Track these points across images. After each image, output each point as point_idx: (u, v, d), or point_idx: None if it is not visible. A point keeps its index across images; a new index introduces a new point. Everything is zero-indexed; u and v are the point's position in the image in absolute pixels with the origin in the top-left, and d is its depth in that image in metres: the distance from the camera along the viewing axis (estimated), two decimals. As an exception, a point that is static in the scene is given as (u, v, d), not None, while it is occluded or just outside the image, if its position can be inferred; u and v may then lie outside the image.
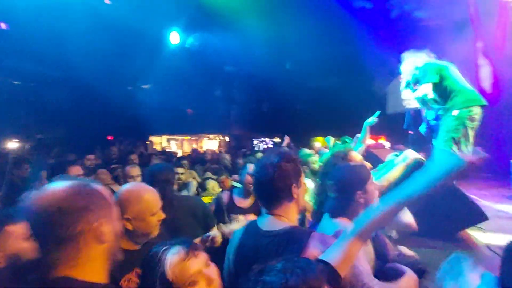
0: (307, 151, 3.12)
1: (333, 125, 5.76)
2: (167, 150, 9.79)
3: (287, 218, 1.20)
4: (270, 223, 1.20)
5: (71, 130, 7.97)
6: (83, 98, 8.12)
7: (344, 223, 1.32)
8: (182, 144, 13.13)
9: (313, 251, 1.01)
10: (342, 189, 1.39)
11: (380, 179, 2.05)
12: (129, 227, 1.27)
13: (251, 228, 1.27)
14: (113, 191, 1.31)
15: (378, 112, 3.13)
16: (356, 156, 1.76)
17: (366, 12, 6.96)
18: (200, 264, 0.94)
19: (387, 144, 5.80)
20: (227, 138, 13.11)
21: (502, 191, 4.21)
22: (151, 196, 1.35)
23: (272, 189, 1.19)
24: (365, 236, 1.00)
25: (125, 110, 9.04)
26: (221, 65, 10.88)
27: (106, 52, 7.46)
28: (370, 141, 5.01)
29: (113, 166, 3.73)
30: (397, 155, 2.71)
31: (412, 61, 3.05)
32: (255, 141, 11.98)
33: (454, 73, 2.88)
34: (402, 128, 3.86)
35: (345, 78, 8.62)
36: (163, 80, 10.02)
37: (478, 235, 2.38)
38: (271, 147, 10.58)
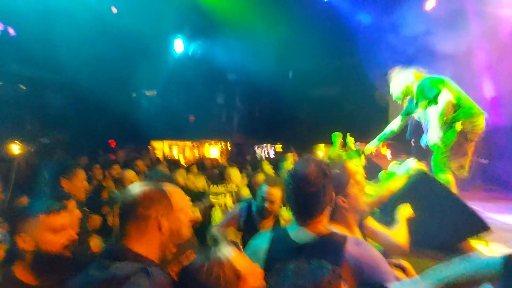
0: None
1: (335, 133, 5.80)
2: (168, 157, 9.87)
3: (323, 227, 1.19)
4: (304, 234, 1.17)
5: (75, 135, 8.08)
6: (86, 103, 8.26)
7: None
8: (184, 150, 13.20)
9: (352, 253, 1.03)
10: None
11: (381, 188, 2.10)
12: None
13: (280, 240, 1.22)
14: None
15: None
16: (351, 166, 1.79)
17: (366, 25, 7.18)
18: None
19: (389, 153, 5.86)
20: (228, 145, 13.19)
21: (507, 203, 4.22)
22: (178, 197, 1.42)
23: (314, 200, 1.16)
24: None
25: (129, 116, 9.16)
26: (224, 73, 11.06)
27: (111, 59, 7.63)
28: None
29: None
30: (399, 165, 2.76)
31: (402, 78, 3.08)
32: (256, 148, 12.04)
33: (454, 86, 2.93)
34: (404, 137, 3.91)
35: (348, 87, 8.76)
36: (167, 87, 10.19)
37: (481, 247, 2.39)
38: (273, 155, 10.64)
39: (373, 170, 3.04)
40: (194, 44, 10.05)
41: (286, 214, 2.18)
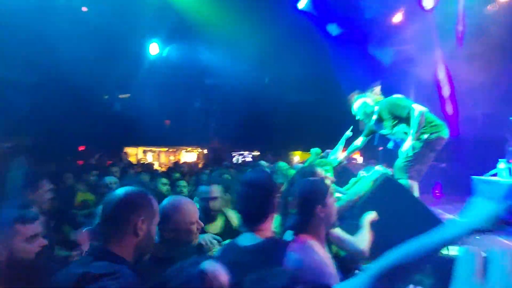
0: (284, 164, 3.33)
1: (312, 139, 6.06)
2: (142, 162, 9.64)
3: (268, 232, 1.28)
4: (250, 238, 1.26)
5: (42, 140, 7.69)
6: (55, 106, 7.90)
7: (306, 240, 1.35)
8: (159, 156, 12.94)
9: (294, 257, 1.09)
10: (302, 205, 1.40)
11: (351, 193, 2.27)
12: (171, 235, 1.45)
13: (229, 244, 1.35)
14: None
15: (352, 127, 3.44)
16: (321, 172, 1.91)
17: (338, 35, 7.62)
18: None
19: (360, 159, 6.21)
20: (205, 151, 13.11)
21: (462, 205, 4.62)
22: (190, 207, 1.52)
23: (259, 205, 1.26)
24: (387, 280, 0.88)
25: (101, 120, 8.87)
26: (201, 78, 11.07)
27: (83, 59, 7.39)
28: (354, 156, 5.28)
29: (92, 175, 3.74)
30: (368, 170, 2.98)
31: (363, 101, 3.40)
32: (234, 154, 12.08)
33: (411, 101, 3.29)
34: (373, 144, 4.20)
35: (323, 93, 9.10)
36: (142, 90, 9.98)
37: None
38: (250, 161, 10.73)
39: (346, 175, 3.25)
40: (170, 47, 9.98)
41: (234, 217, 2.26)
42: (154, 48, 9.44)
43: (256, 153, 11.89)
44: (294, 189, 1.51)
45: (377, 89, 3.54)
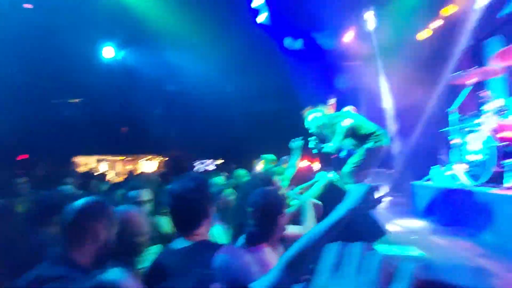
0: (242, 172, 3.49)
1: (274, 148, 6.32)
2: (95, 172, 9.10)
3: (202, 236, 1.30)
4: (181, 242, 1.29)
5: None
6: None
7: (263, 248, 1.40)
8: (115, 166, 12.33)
9: (222, 258, 1.10)
10: (265, 215, 1.42)
11: (303, 198, 2.48)
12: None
13: (163, 250, 1.36)
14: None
15: (301, 137, 3.76)
16: (277, 180, 2.08)
17: (296, 49, 8.21)
18: None
19: (318, 166, 6.65)
20: (165, 160, 12.77)
21: (405, 207, 5.22)
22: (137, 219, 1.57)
23: (191, 215, 1.29)
24: (295, 267, 0.97)
25: (48, 126, 8.26)
26: (162, 84, 10.87)
27: (27, 60, 6.89)
28: (303, 164, 5.71)
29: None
30: (321, 176, 3.26)
31: (315, 115, 3.81)
32: (196, 163, 11.97)
33: (357, 116, 3.73)
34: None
35: (285, 103, 9.53)
36: (96, 94, 9.52)
37: (381, 247, 2.92)
38: (213, 169, 10.71)
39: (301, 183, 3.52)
40: (127, 51, 9.70)
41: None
42: (108, 51, 9.10)
43: (220, 161, 11.91)
44: (253, 198, 1.51)
45: (332, 102, 3.93)
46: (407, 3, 6.28)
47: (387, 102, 6.93)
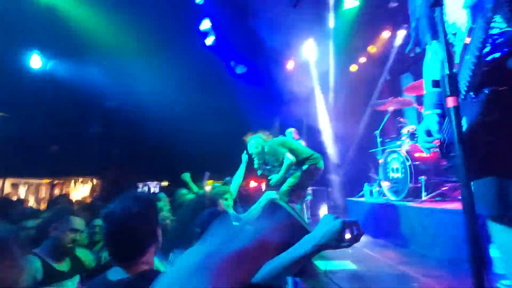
0: (184, 191, 3.50)
1: (220, 168, 6.41)
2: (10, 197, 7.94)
3: (143, 264, 1.17)
4: (119, 272, 1.15)
5: None
6: None
7: None
8: (39, 190, 10.94)
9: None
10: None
11: (245, 218, 2.59)
12: None
13: (99, 280, 1.17)
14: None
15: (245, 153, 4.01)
16: (221, 203, 2.15)
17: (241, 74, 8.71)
18: None
19: (264, 186, 6.94)
20: (101, 182, 11.81)
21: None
22: None
23: (129, 243, 1.14)
24: None
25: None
26: (100, 100, 10.21)
27: None
28: (251, 184, 5.93)
29: None
30: (266, 195, 3.44)
31: (255, 141, 4.17)
32: (140, 185, 11.31)
33: (294, 143, 4.17)
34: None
35: (231, 124, 9.75)
36: (19, 108, 8.51)
37: (319, 263, 3.16)
38: (157, 192, 10.24)
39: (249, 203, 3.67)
40: (60, 63, 8.98)
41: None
42: (35, 61, 8.31)
43: (165, 183, 11.43)
44: (202, 220, 1.49)
45: (291, 130, 4.39)
46: (341, 37, 7.28)
47: (326, 126, 7.76)
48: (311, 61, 7.67)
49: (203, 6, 7.77)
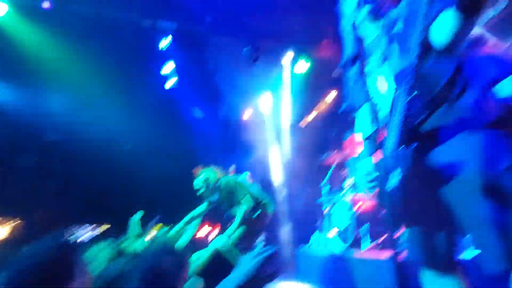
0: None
1: (173, 212, 6.23)
2: None
3: None
4: None
5: None
6: None
7: None
8: None
9: None
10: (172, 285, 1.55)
11: (193, 267, 2.61)
12: None
13: None
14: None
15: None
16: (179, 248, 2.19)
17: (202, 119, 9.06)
18: None
19: (215, 233, 6.87)
20: (24, 225, 10.38)
21: (291, 272, 5.82)
22: None
23: None
24: None
25: None
26: (38, 131, 9.43)
27: None
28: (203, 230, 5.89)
29: None
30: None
31: (206, 175, 4.35)
32: (74, 229, 10.16)
33: (248, 185, 4.41)
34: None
35: (185, 167, 9.68)
36: None
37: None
38: (97, 236, 9.29)
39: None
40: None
41: None
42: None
43: (106, 226, 10.47)
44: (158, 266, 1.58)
45: (232, 169, 4.52)
46: (294, 94, 8.23)
47: (278, 174, 8.30)
48: (266, 114, 8.42)
49: (167, 51, 8.14)
